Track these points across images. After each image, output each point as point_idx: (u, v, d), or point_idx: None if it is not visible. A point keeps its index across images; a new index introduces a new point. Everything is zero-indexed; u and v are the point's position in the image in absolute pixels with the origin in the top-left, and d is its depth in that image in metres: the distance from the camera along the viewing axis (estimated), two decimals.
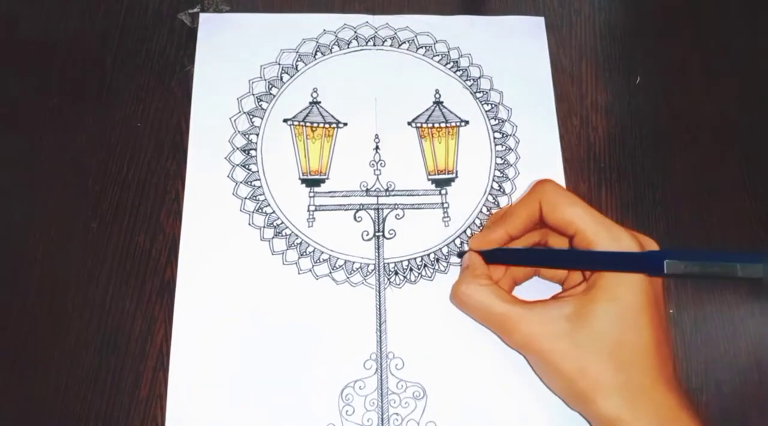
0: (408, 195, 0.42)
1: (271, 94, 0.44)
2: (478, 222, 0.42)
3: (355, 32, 0.47)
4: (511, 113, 0.45)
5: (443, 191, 0.43)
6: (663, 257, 0.27)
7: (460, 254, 0.40)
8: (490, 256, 0.37)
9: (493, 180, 0.43)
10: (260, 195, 0.42)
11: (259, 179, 0.42)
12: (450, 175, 0.43)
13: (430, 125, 0.44)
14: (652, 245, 0.34)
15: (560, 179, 0.43)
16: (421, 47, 0.46)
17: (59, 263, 0.40)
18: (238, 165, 0.42)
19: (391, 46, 0.46)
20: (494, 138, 0.44)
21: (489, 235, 0.37)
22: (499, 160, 0.44)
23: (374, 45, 0.46)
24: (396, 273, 0.40)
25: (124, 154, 0.42)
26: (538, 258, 0.38)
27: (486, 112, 0.45)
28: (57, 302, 0.39)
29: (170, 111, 0.44)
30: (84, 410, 0.37)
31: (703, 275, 0.26)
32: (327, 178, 0.42)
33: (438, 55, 0.46)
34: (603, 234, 0.32)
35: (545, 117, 0.45)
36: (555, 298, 0.36)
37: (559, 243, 0.38)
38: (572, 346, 0.31)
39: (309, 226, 0.41)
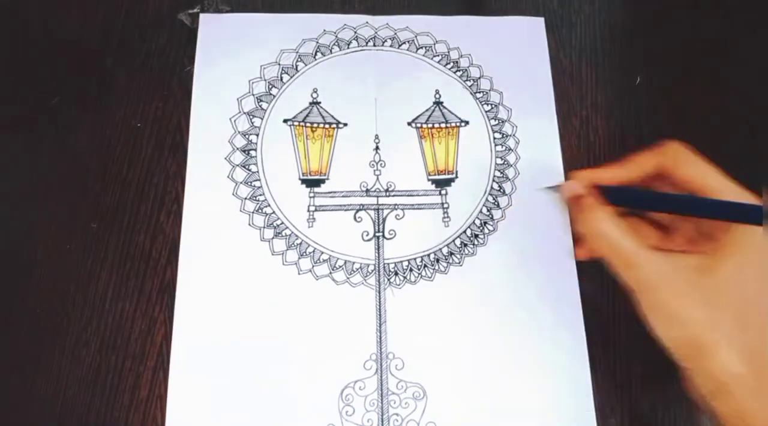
0: (408, 195, 0.42)
1: (271, 94, 0.44)
2: (478, 222, 0.42)
3: (355, 32, 0.47)
4: (511, 114, 0.45)
5: (443, 191, 0.43)
6: None
7: (554, 187, 0.38)
8: (615, 194, 0.35)
9: (493, 180, 0.43)
10: (260, 195, 0.42)
11: (259, 179, 0.42)
12: (450, 176, 0.43)
13: (430, 125, 0.44)
14: None
15: (561, 180, 0.43)
16: (421, 47, 0.46)
17: (59, 263, 0.40)
18: (238, 165, 0.42)
19: (391, 46, 0.46)
20: (494, 138, 0.44)
21: (602, 173, 0.36)
22: (499, 161, 0.44)
23: (374, 45, 0.46)
24: (396, 273, 0.40)
25: (124, 154, 0.42)
26: (663, 203, 0.35)
27: (486, 112, 0.45)
28: (57, 302, 0.39)
29: (170, 111, 0.44)
30: (84, 410, 0.37)
31: None
32: (327, 179, 0.42)
33: (438, 56, 0.46)
34: (735, 194, 0.33)
35: (545, 117, 0.45)
36: (681, 250, 0.35)
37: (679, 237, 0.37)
38: (701, 296, 0.31)
39: (309, 227, 0.41)
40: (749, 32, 0.49)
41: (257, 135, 0.43)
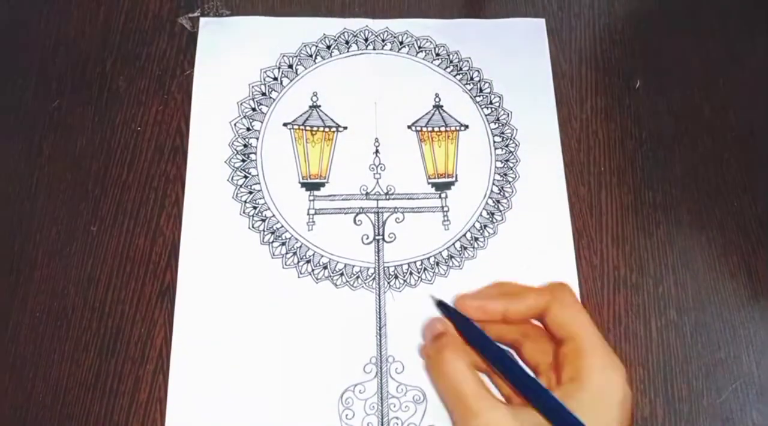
0: (408, 198, 0.42)
1: (271, 97, 0.44)
2: (478, 225, 0.42)
3: (355, 36, 0.47)
4: (510, 117, 0.45)
5: (443, 195, 0.43)
6: None
7: (440, 303, 0.34)
8: (463, 326, 0.32)
9: (493, 184, 0.43)
10: (260, 199, 0.42)
11: (259, 183, 0.42)
12: (450, 179, 0.43)
13: (430, 129, 0.44)
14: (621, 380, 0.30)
15: (561, 182, 0.43)
16: (421, 51, 0.47)
17: (59, 266, 0.40)
18: (237, 169, 0.42)
19: (390, 50, 0.46)
20: (494, 142, 0.44)
21: (488, 304, 0.33)
22: (499, 164, 0.44)
23: (374, 49, 0.46)
24: (396, 276, 0.40)
25: (125, 157, 0.43)
26: (504, 364, 0.31)
27: (486, 115, 0.45)
28: (57, 305, 0.39)
29: (170, 115, 0.44)
30: (83, 413, 0.37)
31: None
32: (327, 182, 0.42)
33: (438, 59, 0.46)
34: (600, 351, 0.30)
35: (545, 120, 0.45)
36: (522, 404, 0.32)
37: (532, 352, 0.34)
38: None
39: (309, 230, 0.41)
40: (748, 35, 0.49)
41: (257, 138, 0.43)
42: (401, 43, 0.47)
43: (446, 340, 0.33)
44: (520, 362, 0.32)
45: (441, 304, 0.33)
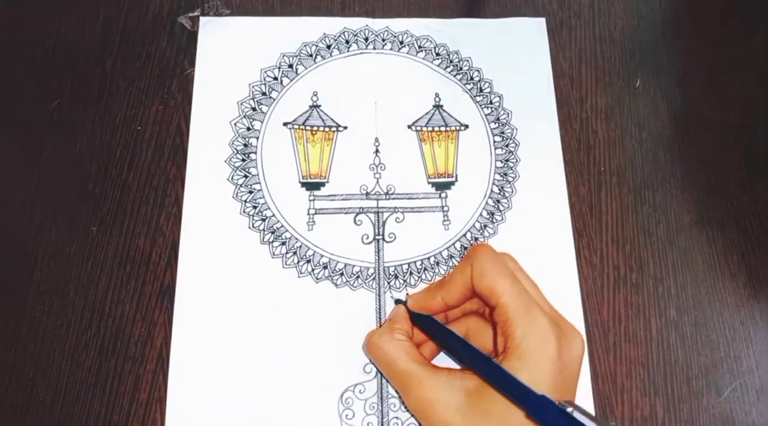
0: (408, 198, 0.42)
1: (271, 97, 0.44)
2: (478, 225, 0.42)
3: (355, 36, 0.47)
4: (511, 116, 0.45)
5: (443, 195, 0.43)
6: (548, 406, 0.27)
7: (397, 301, 0.39)
8: (418, 319, 0.36)
9: (493, 183, 0.43)
10: (260, 198, 0.42)
11: (259, 183, 0.42)
12: (450, 179, 0.43)
13: (430, 129, 0.44)
14: (576, 338, 0.32)
15: (561, 182, 0.43)
16: (421, 51, 0.47)
17: (59, 266, 0.40)
18: (238, 168, 0.42)
19: (390, 49, 0.46)
20: (494, 141, 0.44)
21: (428, 300, 0.35)
22: (499, 164, 0.44)
23: (374, 48, 0.46)
24: (396, 276, 0.40)
25: (125, 157, 0.43)
26: (453, 345, 0.34)
27: (486, 115, 0.45)
28: (57, 305, 0.39)
29: (170, 114, 0.44)
30: (83, 413, 0.37)
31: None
32: (327, 182, 0.42)
33: (438, 59, 0.46)
34: (521, 313, 0.31)
35: (546, 120, 0.45)
36: (465, 369, 0.33)
37: (478, 339, 0.36)
38: (462, 422, 0.30)
39: (309, 230, 0.41)
40: (748, 34, 0.49)
41: (257, 138, 0.43)
42: (401, 42, 0.47)
43: (380, 327, 0.36)
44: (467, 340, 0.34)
45: (398, 302, 0.38)
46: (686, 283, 0.42)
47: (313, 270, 0.40)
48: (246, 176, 0.42)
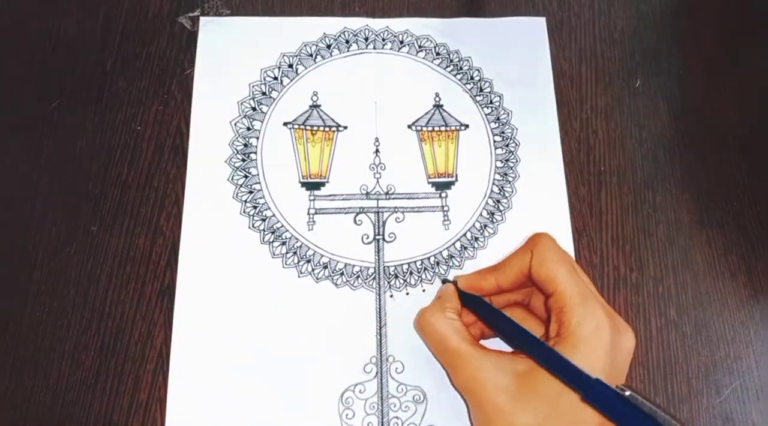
0: (408, 198, 0.42)
1: (271, 97, 0.44)
2: (478, 225, 0.42)
3: (356, 36, 0.47)
4: (510, 116, 0.45)
5: (443, 194, 0.43)
6: (605, 390, 0.28)
7: (444, 281, 0.39)
8: (467, 299, 0.36)
9: (494, 183, 0.43)
10: (260, 198, 0.42)
11: (259, 183, 0.42)
12: (450, 179, 0.43)
13: (430, 129, 0.44)
14: (628, 332, 0.32)
15: (560, 182, 0.43)
16: (421, 50, 0.47)
17: (59, 266, 0.40)
18: (238, 168, 0.42)
19: (391, 49, 0.46)
20: (494, 141, 0.44)
21: (480, 281, 0.36)
22: (499, 164, 0.44)
23: (374, 48, 0.46)
24: (396, 276, 0.40)
25: (125, 157, 0.42)
26: (505, 326, 0.34)
27: (486, 115, 0.45)
28: (57, 305, 0.39)
29: (170, 114, 0.44)
30: (83, 413, 0.37)
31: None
32: (327, 182, 0.42)
33: (438, 58, 0.46)
34: (578, 302, 0.31)
35: (546, 120, 0.45)
36: (516, 353, 0.34)
37: (538, 305, 0.36)
38: (510, 403, 0.30)
39: (309, 230, 0.41)
40: (748, 34, 0.49)
41: (257, 138, 0.43)
42: (401, 42, 0.47)
43: (431, 304, 0.37)
44: (516, 321, 0.34)
45: (445, 281, 0.39)
46: (686, 283, 0.42)
47: (313, 270, 0.40)
48: (246, 176, 0.42)
